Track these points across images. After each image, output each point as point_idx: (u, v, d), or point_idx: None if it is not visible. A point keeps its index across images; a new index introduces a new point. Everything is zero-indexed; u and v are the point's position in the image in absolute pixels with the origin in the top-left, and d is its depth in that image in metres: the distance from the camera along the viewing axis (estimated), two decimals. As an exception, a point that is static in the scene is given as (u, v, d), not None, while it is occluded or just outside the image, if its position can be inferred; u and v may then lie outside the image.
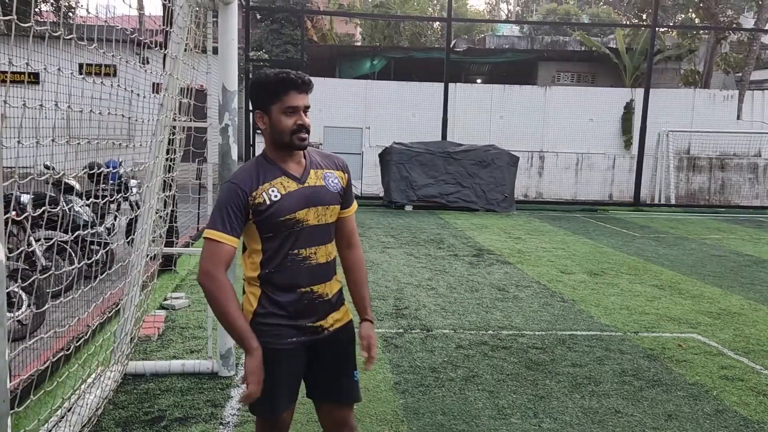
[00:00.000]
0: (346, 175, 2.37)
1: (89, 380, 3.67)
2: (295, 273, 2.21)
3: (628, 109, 19.61)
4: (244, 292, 2.32)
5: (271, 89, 2.17)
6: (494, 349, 5.04)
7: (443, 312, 6.04)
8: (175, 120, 4.15)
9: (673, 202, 17.94)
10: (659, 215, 15.58)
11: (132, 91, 3.67)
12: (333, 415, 2.40)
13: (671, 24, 24.64)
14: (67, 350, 2.98)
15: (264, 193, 2.16)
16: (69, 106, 2.86)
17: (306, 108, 2.19)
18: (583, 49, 24.25)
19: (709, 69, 22.96)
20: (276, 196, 2.17)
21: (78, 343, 2.97)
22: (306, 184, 2.23)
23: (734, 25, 21.82)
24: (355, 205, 2.44)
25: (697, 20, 26.08)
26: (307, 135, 2.20)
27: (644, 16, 25.51)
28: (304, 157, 2.29)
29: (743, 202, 18.65)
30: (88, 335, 3.11)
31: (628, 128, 19.52)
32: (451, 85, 16.99)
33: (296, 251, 2.21)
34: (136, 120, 3.94)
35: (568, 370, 4.63)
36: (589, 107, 19.29)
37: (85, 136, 3.06)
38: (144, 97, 4.09)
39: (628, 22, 28.18)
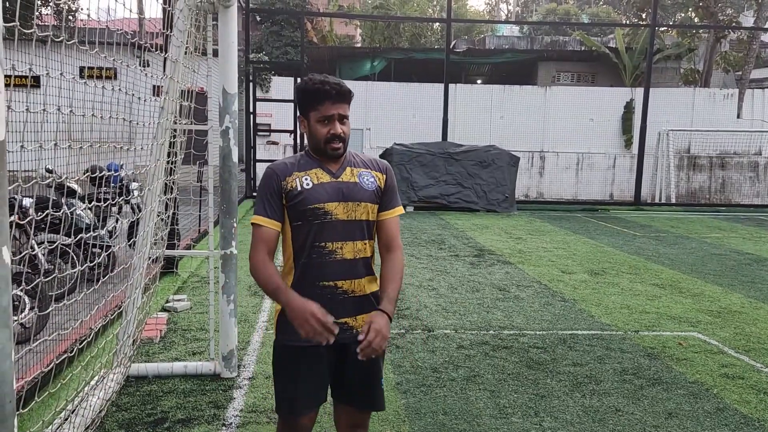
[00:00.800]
0: (385, 176, 2.38)
1: (92, 382, 3.69)
2: (320, 266, 2.24)
3: (628, 108, 19.65)
4: None
5: (309, 97, 2.25)
6: (495, 348, 5.05)
7: (444, 312, 6.06)
8: (175, 123, 4.17)
9: (673, 201, 17.95)
10: (660, 214, 15.58)
11: (133, 94, 3.69)
12: (350, 418, 2.41)
13: (671, 23, 24.65)
14: (71, 353, 3.00)
15: (297, 180, 2.25)
16: (71, 111, 2.87)
17: (342, 117, 2.24)
18: (582, 48, 24.27)
19: (708, 68, 22.97)
20: (308, 185, 2.24)
21: (81, 346, 2.99)
22: (339, 179, 2.28)
23: (734, 24, 21.82)
24: (398, 209, 2.41)
25: (696, 19, 26.09)
26: (340, 144, 2.25)
27: (644, 15, 25.51)
28: (344, 158, 2.35)
29: (744, 200, 18.65)
30: (90, 338, 3.13)
31: (629, 128, 19.55)
32: (451, 86, 17.01)
33: (323, 243, 2.23)
34: (137, 123, 3.96)
35: (568, 369, 4.64)
36: (590, 107, 19.32)
37: (86, 139, 3.08)
38: (145, 100, 4.11)
39: (627, 22, 28.20)
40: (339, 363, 2.31)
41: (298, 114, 2.36)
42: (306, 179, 2.24)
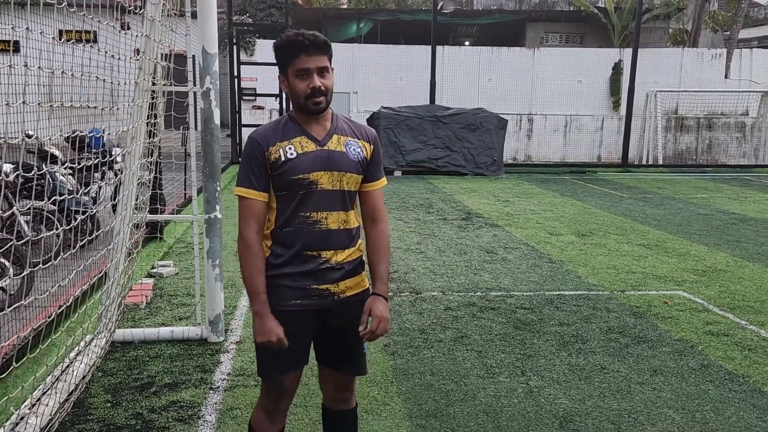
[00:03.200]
0: (372, 146, 2.30)
1: (76, 348, 3.66)
2: (304, 235, 2.19)
3: (617, 69, 19.51)
4: None
5: (285, 53, 2.15)
6: (482, 310, 5.07)
7: (432, 275, 6.06)
8: (154, 84, 4.06)
9: (660, 162, 17.98)
10: (647, 176, 15.62)
11: (114, 56, 3.58)
12: (334, 382, 2.41)
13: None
14: (49, 317, 2.96)
15: (281, 150, 2.16)
16: (52, 72, 2.78)
17: (321, 69, 2.13)
18: (571, 9, 23.97)
19: (697, 28, 22.80)
20: (292, 154, 2.16)
21: (61, 311, 2.95)
22: (325, 147, 2.20)
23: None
24: (382, 180, 2.36)
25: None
26: (322, 97, 2.14)
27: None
28: (331, 122, 2.25)
29: (730, 161, 18.72)
30: (71, 303, 3.09)
31: (617, 89, 19.44)
32: (438, 48, 16.76)
33: (307, 213, 2.18)
34: (119, 85, 3.85)
35: (555, 329, 4.67)
36: (578, 68, 19.17)
37: (68, 102, 2.99)
38: (126, 62, 3.99)
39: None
40: (321, 327, 2.29)
41: (278, 75, 2.24)
42: (290, 149, 2.16)
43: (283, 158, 2.15)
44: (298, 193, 2.17)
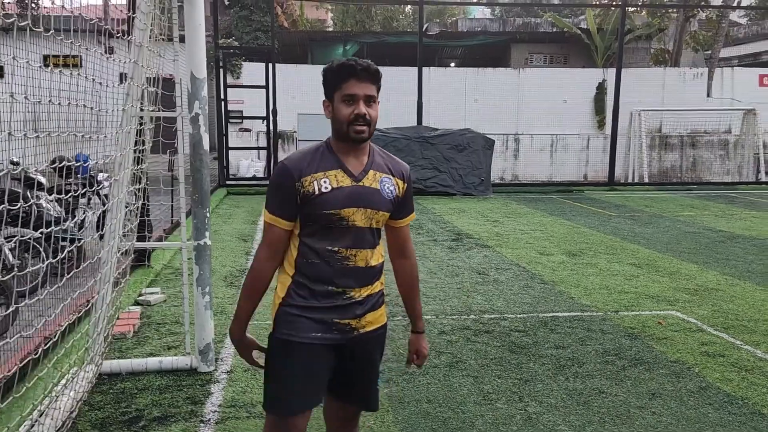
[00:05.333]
0: (405, 185, 2.26)
1: (62, 382, 3.55)
2: (330, 270, 2.13)
3: (601, 89, 19.74)
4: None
5: (334, 77, 2.10)
6: (477, 333, 5.00)
7: (425, 298, 5.99)
8: (142, 110, 4.01)
9: (646, 180, 18.12)
10: (633, 194, 15.72)
11: (100, 83, 3.52)
12: (342, 413, 2.34)
13: (641, 3, 24.77)
14: (35, 354, 2.87)
15: (315, 182, 2.08)
16: (40, 101, 2.73)
17: (369, 98, 2.09)
18: (554, 30, 24.27)
19: (678, 47, 23.17)
20: (326, 188, 2.08)
21: (47, 346, 2.86)
22: (361, 183, 2.13)
23: (703, 3, 21.99)
24: (412, 216, 2.35)
25: (666, -1, 26.23)
26: (365, 127, 2.09)
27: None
28: (368, 156, 2.19)
29: (714, 178, 18.91)
30: (57, 337, 3.00)
31: (601, 108, 19.66)
32: (425, 70, 16.86)
33: (336, 248, 2.12)
34: (105, 111, 3.79)
35: (551, 352, 4.61)
36: (563, 88, 19.37)
37: (53, 129, 2.93)
38: (111, 87, 3.93)
39: (598, 2, 28.26)
40: (338, 362, 2.21)
41: (323, 99, 2.19)
42: (325, 182, 2.08)
43: (317, 191, 2.07)
44: (329, 227, 2.11)
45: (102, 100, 3.83)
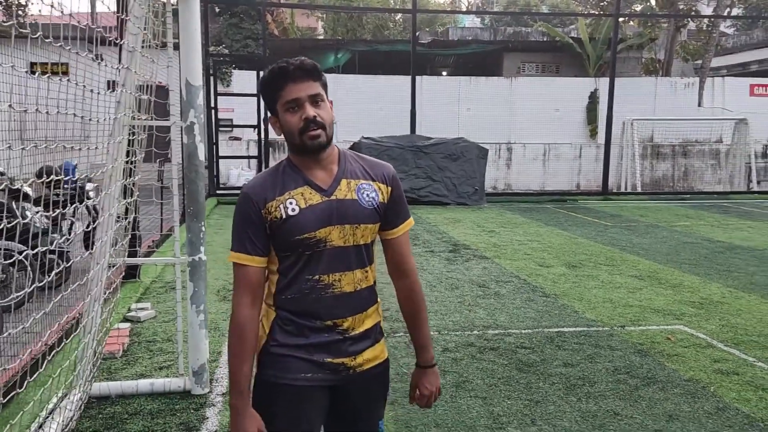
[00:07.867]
0: (390, 188, 1.94)
1: (48, 407, 3.33)
2: (315, 302, 1.85)
3: (593, 98, 19.75)
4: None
5: (269, 88, 1.83)
6: (482, 350, 4.82)
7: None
8: (134, 119, 3.81)
9: (639, 189, 18.09)
10: (627, 203, 15.64)
11: (91, 90, 3.33)
12: None
13: (631, 12, 24.88)
14: (21, 371, 2.66)
15: (281, 206, 1.82)
16: (26, 110, 2.55)
17: (314, 98, 1.82)
18: (546, 39, 24.30)
19: (669, 57, 23.25)
20: (293, 210, 1.81)
21: (34, 362, 2.65)
22: (333, 197, 1.85)
23: (693, 12, 22.11)
24: (407, 223, 2.02)
25: (657, 9, 26.38)
26: (319, 130, 1.80)
27: (604, 2, 25.66)
28: (338, 164, 1.90)
29: (706, 188, 18.91)
30: (43, 361, 2.79)
31: (594, 117, 19.65)
32: (417, 78, 16.75)
33: (316, 276, 1.84)
34: (92, 120, 3.59)
35: (560, 370, 4.44)
36: (555, 97, 19.35)
37: (40, 138, 2.75)
38: (99, 94, 3.74)
39: (588, 12, 28.36)
40: (333, 405, 1.96)
41: (269, 117, 1.91)
42: (291, 203, 1.82)
43: (284, 215, 1.81)
44: (304, 254, 1.84)
45: (90, 108, 3.64)
